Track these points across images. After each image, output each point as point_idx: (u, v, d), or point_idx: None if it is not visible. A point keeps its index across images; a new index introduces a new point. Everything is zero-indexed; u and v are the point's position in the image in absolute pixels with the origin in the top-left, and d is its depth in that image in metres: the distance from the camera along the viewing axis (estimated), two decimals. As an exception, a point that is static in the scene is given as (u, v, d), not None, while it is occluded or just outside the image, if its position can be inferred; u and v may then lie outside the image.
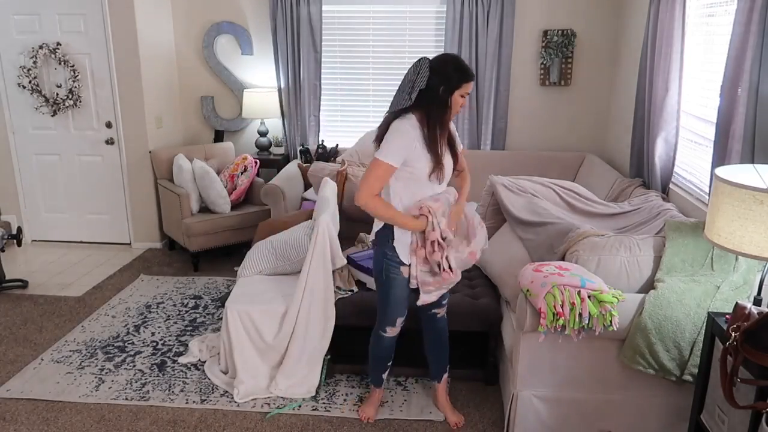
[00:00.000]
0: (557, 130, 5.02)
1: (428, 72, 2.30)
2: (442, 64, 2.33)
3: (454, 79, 2.32)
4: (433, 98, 2.33)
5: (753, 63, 2.34)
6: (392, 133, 2.35)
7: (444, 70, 2.31)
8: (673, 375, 2.41)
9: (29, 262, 4.78)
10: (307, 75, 4.96)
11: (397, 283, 2.54)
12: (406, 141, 2.32)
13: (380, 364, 2.81)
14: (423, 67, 2.31)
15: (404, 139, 2.32)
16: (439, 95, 2.32)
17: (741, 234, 1.89)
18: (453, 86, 2.32)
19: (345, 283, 3.16)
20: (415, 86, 2.30)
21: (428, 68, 2.30)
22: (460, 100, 2.37)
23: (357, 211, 4.14)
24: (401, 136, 2.33)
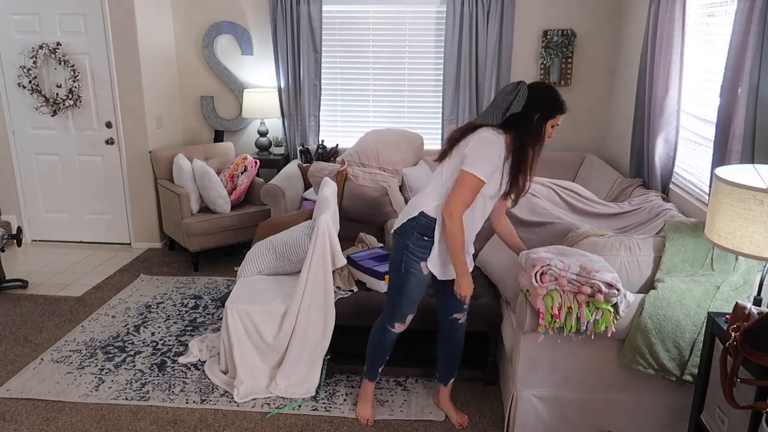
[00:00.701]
0: (557, 130, 5.02)
1: (526, 97, 2.28)
2: (541, 92, 2.31)
3: (550, 109, 2.30)
4: (527, 124, 2.30)
5: (753, 63, 2.34)
6: (483, 146, 2.31)
7: (542, 97, 2.30)
8: (673, 375, 2.41)
9: (29, 262, 4.78)
10: (307, 75, 4.96)
11: (415, 278, 2.50)
12: (494, 154, 2.31)
13: (380, 358, 2.78)
14: (522, 91, 2.29)
15: (494, 151, 2.30)
16: (533, 122, 2.30)
17: (741, 234, 1.88)
18: (548, 115, 2.31)
19: (345, 283, 3.16)
20: (512, 108, 2.28)
21: (527, 93, 2.29)
22: (550, 130, 2.36)
23: (357, 211, 4.15)
24: (492, 149, 2.30)
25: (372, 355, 2.78)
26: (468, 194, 2.32)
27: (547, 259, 2.35)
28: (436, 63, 4.97)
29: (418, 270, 2.49)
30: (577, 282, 2.31)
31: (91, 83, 4.78)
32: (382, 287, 3.10)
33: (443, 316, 2.75)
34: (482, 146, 2.30)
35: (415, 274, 2.49)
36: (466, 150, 2.33)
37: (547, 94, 2.32)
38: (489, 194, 2.40)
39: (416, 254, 2.46)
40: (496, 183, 2.37)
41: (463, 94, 4.85)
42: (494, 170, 2.32)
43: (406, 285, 2.53)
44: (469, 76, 4.80)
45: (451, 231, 2.35)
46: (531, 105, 2.28)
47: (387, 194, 4.06)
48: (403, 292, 2.56)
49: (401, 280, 2.53)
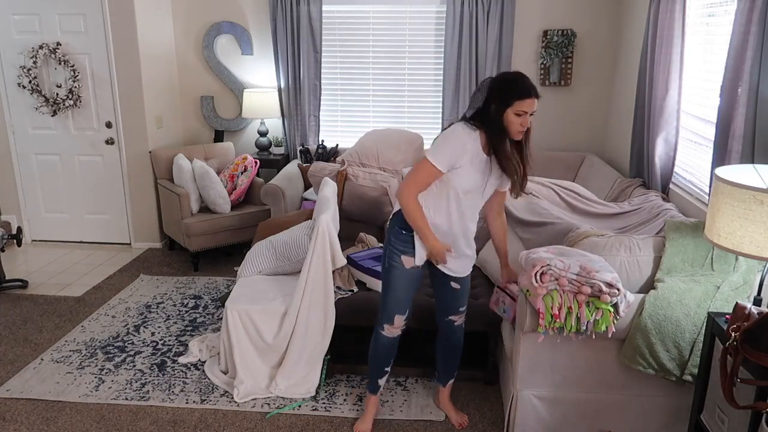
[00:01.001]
0: (557, 130, 5.02)
1: (486, 91, 2.24)
2: (496, 82, 2.26)
3: (504, 97, 2.20)
4: (489, 118, 2.25)
5: (753, 63, 2.34)
6: (446, 135, 2.31)
7: (496, 87, 2.24)
8: (673, 375, 2.41)
9: (29, 262, 4.77)
10: (307, 75, 4.96)
11: (398, 272, 2.48)
12: (456, 147, 2.27)
13: (376, 366, 2.70)
14: (483, 87, 2.26)
15: (455, 144, 2.27)
16: (491, 115, 2.24)
17: (741, 234, 1.88)
18: (504, 104, 2.21)
19: (345, 283, 3.16)
20: (472, 104, 2.28)
21: (487, 87, 2.25)
22: (516, 119, 2.22)
23: (357, 211, 4.15)
24: (452, 141, 2.28)
25: (370, 364, 2.74)
26: (420, 177, 2.32)
27: (547, 259, 2.35)
28: (436, 63, 4.97)
29: (399, 263, 2.47)
30: (577, 282, 2.31)
31: (91, 83, 4.78)
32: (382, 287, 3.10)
33: (440, 317, 2.74)
34: (445, 137, 2.30)
35: (396, 267, 2.48)
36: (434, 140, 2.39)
37: (501, 83, 2.24)
38: (462, 188, 2.34)
39: (397, 247, 2.46)
40: (468, 178, 2.32)
41: (463, 94, 4.85)
42: (454, 161, 2.28)
43: (389, 279, 2.52)
44: (469, 76, 4.80)
45: (403, 207, 2.37)
46: (489, 97, 2.24)
47: (387, 194, 4.06)
48: (388, 289, 2.54)
49: (385, 275, 2.54)
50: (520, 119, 2.22)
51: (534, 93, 2.20)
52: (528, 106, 2.21)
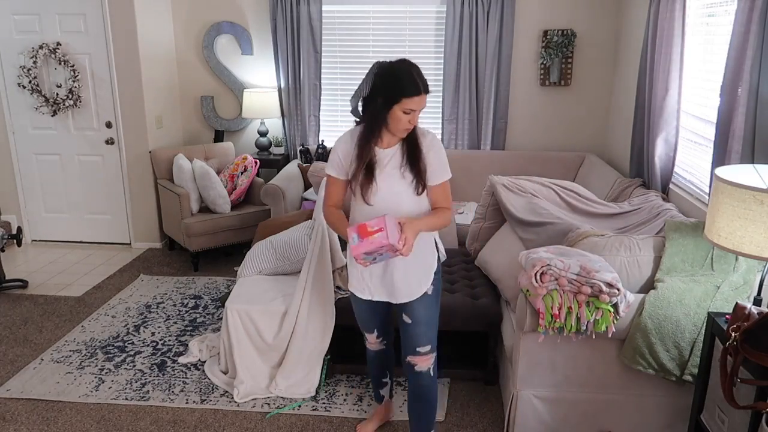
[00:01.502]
0: (557, 130, 5.02)
1: (372, 79, 2.05)
2: (388, 71, 2.04)
3: (393, 91, 2.00)
4: (372, 109, 2.07)
5: (753, 63, 2.34)
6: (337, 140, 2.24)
7: (387, 78, 2.03)
8: (673, 375, 2.41)
9: (29, 262, 4.77)
10: (307, 75, 4.96)
11: (353, 298, 2.39)
12: (336, 152, 2.19)
13: (371, 376, 2.67)
14: (370, 73, 2.06)
15: (335, 149, 2.20)
16: (376, 106, 2.05)
17: (741, 234, 1.88)
18: (392, 99, 2.01)
19: (345, 283, 3.16)
20: (358, 93, 2.15)
21: (374, 75, 2.05)
22: (403, 117, 2.04)
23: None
24: (334, 147, 2.22)
25: (369, 373, 2.71)
26: (328, 189, 2.27)
27: (547, 259, 2.35)
28: (436, 63, 4.97)
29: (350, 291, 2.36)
30: (577, 282, 2.31)
31: (91, 83, 4.78)
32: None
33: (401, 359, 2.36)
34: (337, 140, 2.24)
35: (352, 293, 2.36)
36: None
37: (388, 76, 2.02)
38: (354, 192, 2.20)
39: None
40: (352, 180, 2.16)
41: (463, 94, 4.85)
42: (338, 165, 2.19)
43: (353, 305, 2.44)
44: (469, 76, 4.80)
45: (326, 220, 2.31)
46: (374, 89, 2.05)
47: (387, 194, 4.05)
48: (355, 313, 2.47)
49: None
50: (408, 117, 2.06)
51: (425, 89, 2.02)
52: (417, 104, 2.03)
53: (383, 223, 1.99)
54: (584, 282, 2.30)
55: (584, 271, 2.30)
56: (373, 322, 2.43)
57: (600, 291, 2.29)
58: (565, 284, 2.31)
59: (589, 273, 2.30)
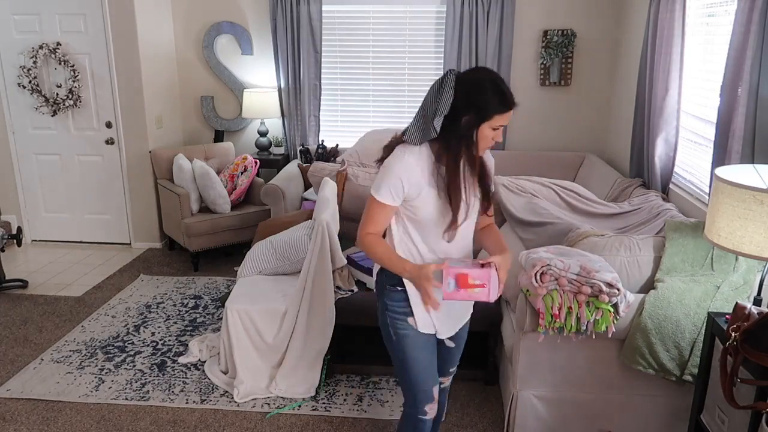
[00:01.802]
0: (557, 130, 5.02)
1: (452, 93, 1.74)
2: (472, 84, 1.74)
3: (483, 106, 1.73)
4: (454, 128, 1.76)
5: (753, 63, 2.34)
6: (386, 165, 1.85)
7: (473, 93, 1.73)
8: (673, 375, 2.41)
9: (29, 262, 4.77)
10: (307, 75, 4.96)
11: (410, 339, 1.95)
12: (399, 178, 1.80)
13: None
14: (448, 86, 1.74)
15: (398, 175, 1.80)
16: (461, 125, 1.75)
17: (741, 234, 1.88)
18: (482, 116, 1.74)
19: (345, 283, 3.16)
20: (439, 111, 1.74)
21: (453, 88, 1.74)
22: (491, 133, 1.78)
23: (357, 211, 4.14)
24: (391, 171, 1.81)
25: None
26: (369, 218, 1.88)
27: (547, 259, 2.35)
28: (436, 63, 4.97)
29: (408, 326, 1.94)
30: (577, 282, 2.31)
31: (91, 83, 4.78)
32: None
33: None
34: (384, 166, 1.86)
35: (407, 333, 1.95)
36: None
37: (476, 88, 1.74)
38: (425, 221, 1.86)
39: (397, 311, 1.95)
40: (430, 208, 1.84)
41: (463, 94, 4.85)
42: (401, 191, 1.81)
43: (406, 352, 1.96)
44: (469, 76, 4.79)
45: (363, 248, 1.90)
46: (459, 101, 1.74)
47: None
48: (408, 362, 1.97)
49: (397, 349, 1.98)
50: (495, 133, 1.80)
51: (514, 102, 1.77)
52: (508, 119, 1.78)
53: (488, 278, 1.76)
54: (584, 282, 2.30)
55: (584, 271, 2.30)
56: (433, 366, 2.01)
57: (600, 291, 2.29)
58: (565, 284, 2.31)
59: (589, 273, 2.30)
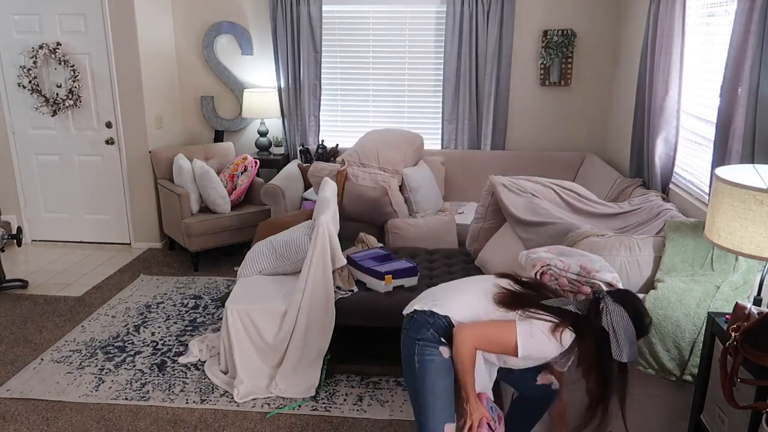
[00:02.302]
0: (557, 130, 5.02)
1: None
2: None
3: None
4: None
5: (753, 63, 2.34)
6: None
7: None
8: (673, 375, 2.41)
9: (29, 262, 4.78)
10: (307, 75, 4.96)
11: (435, 367, 1.94)
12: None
13: None
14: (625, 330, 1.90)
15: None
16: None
17: (741, 234, 1.88)
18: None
19: (345, 283, 3.16)
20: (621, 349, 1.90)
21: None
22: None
23: (357, 211, 4.15)
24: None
25: None
26: (500, 335, 1.97)
27: (547, 259, 2.35)
28: (436, 63, 4.97)
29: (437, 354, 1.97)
30: (577, 282, 2.31)
31: (91, 83, 4.78)
32: (382, 287, 3.10)
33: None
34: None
35: (433, 360, 1.97)
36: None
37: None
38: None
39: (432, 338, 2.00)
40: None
41: (463, 94, 4.85)
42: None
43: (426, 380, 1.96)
44: (469, 76, 4.80)
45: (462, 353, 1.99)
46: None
47: (387, 194, 4.06)
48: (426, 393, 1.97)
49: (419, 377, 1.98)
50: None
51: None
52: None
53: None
54: (584, 282, 2.30)
55: (584, 271, 2.30)
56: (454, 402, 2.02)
57: None
58: (566, 284, 2.31)
59: (589, 273, 2.30)
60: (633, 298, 1.97)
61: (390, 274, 3.11)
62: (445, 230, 4.08)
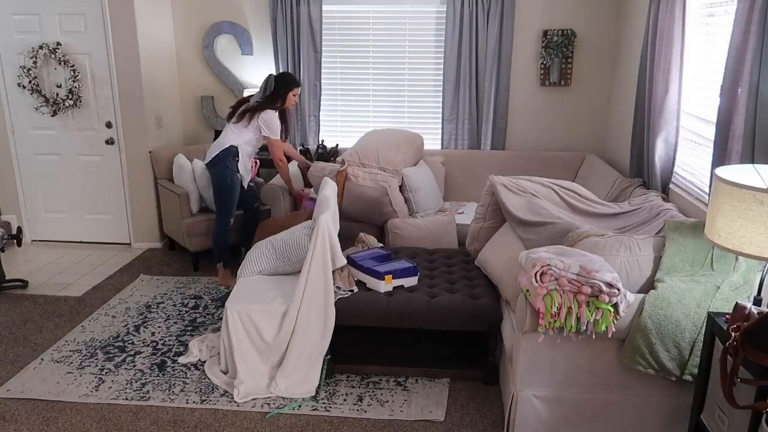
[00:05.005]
0: (557, 130, 5.02)
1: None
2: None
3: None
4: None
5: (753, 63, 2.34)
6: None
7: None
8: (673, 375, 2.41)
9: (29, 262, 4.78)
10: (307, 75, 4.96)
11: (237, 183, 4.07)
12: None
13: (227, 250, 4.16)
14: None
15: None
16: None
17: (741, 234, 1.89)
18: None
19: (345, 283, 3.16)
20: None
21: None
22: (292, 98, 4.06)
23: (357, 211, 4.15)
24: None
25: (221, 250, 4.23)
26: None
27: (547, 259, 2.35)
28: (436, 63, 4.97)
29: (238, 178, 4.15)
30: (577, 282, 2.31)
31: (91, 83, 4.78)
32: (382, 287, 3.10)
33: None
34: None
35: (236, 181, 4.13)
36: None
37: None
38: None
39: (234, 168, 4.07)
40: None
41: (463, 94, 4.85)
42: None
43: (233, 191, 4.13)
44: (469, 76, 4.80)
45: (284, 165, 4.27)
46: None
47: (387, 194, 4.06)
48: (233, 197, 4.14)
49: (231, 189, 4.12)
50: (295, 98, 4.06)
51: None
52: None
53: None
54: (584, 282, 2.30)
55: (584, 271, 2.30)
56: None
57: (600, 291, 2.29)
58: (565, 284, 2.31)
59: (589, 273, 2.30)
60: None
61: (390, 274, 3.11)
62: (445, 230, 4.08)
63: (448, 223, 4.10)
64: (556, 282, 2.32)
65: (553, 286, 2.33)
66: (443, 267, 3.49)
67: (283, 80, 4.03)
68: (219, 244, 4.17)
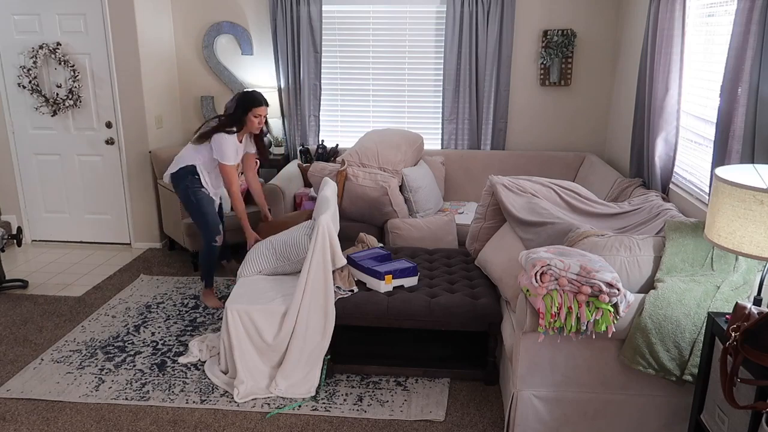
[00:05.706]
0: (557, 130, 5.02)
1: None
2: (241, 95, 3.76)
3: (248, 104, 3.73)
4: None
5: (753, 63, 2.34)
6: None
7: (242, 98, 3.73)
8: (673, 375, 2.41)
9: (29, 262, 4.78)
10: (307, 75, 4.96)
11: (205, 198, 3.77)
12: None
13: (213, 269, 3.91)
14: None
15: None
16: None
17: (741, 234, 1.89)
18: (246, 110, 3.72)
19: (345, 283, 3.16)
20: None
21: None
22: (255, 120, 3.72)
23: (357, 211, 4.15)
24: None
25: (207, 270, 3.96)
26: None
27: (547, 259, 2.35)
28: (436, 63, 4.97)
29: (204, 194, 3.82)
30: (577, 282, 2.31)
31: (91, 83, 4.78)
32: (382, 287, 3.10)
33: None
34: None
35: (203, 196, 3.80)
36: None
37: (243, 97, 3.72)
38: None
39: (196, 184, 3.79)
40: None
41: (463, 94, 4.85)
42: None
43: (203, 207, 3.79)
44: (469, 76, 4.80)
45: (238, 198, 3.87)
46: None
47: (387, 194, 4.06)
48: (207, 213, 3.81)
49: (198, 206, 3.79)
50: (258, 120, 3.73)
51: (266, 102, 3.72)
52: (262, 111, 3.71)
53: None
54: (584, 282, 2.30)
55: (584, 271, 2.30)
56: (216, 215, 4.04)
57: (600, 291, 2.29)
58: (565, 284, 2.31)
59: (589, 273, 2.30)
60: None
61: (390, 274, 3.11)
62: (445, 230, 4.08)
63: (448, 223, 4.10)
64: (556, 282, 2.32)
65: (553, 286, 2.33)
66: (443, 267, 3.49)
67: (242, 100, 3.68)
68: (204, 266, 3.92)
